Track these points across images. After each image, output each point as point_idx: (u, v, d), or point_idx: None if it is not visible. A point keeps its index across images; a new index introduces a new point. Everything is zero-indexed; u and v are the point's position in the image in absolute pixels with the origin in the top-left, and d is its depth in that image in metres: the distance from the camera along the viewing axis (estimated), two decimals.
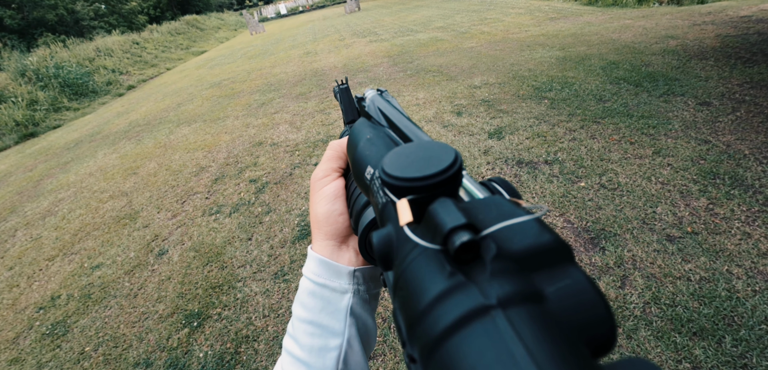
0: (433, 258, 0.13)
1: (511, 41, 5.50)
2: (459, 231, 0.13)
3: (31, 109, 7.42)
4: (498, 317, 0.11)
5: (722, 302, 1.33)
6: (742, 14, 4.61)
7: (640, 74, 3.31)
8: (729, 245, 1.53)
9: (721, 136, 2.24)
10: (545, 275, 0.12)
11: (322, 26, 13.43)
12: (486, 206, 0.15)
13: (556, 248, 0.13)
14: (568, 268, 0.13)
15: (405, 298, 0.14)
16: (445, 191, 0.16)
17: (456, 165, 0.16)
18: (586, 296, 0.12)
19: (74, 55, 10.53)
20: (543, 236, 0.13)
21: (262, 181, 2.91)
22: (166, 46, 14.73)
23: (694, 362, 1.19)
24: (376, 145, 0.26)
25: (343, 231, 0.31)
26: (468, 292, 0.12)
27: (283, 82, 6.01)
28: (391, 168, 0.17)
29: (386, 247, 0.17)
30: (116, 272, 2.27)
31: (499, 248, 0.13)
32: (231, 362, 1.55)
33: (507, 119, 2.99)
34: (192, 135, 4.39)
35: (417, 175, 0.16)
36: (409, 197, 0.16)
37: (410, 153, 0.18)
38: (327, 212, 0.31)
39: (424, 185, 0.16)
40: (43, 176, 4.32)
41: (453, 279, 0.12)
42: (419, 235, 0.14)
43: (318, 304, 0.30)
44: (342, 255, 0.31)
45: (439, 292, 0.12)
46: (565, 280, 0.12)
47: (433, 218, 0.14)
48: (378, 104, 0.34)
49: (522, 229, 0.13)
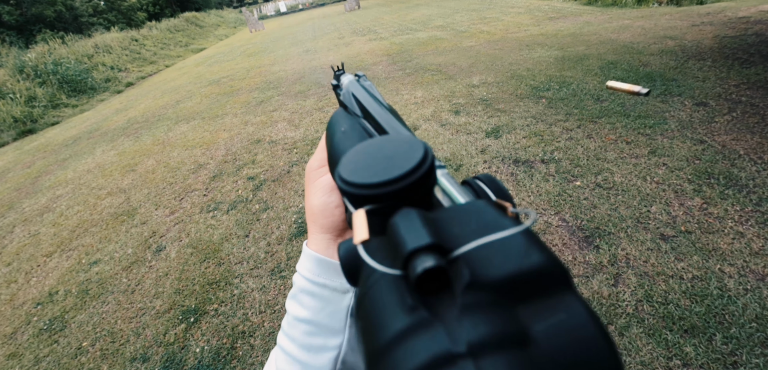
0: (394, 285, 0.11)
1: (510, 40, 5.51)
2: (421, 254, 0.11)
3: (29, 106, 7.41)
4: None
5: (714, 300, 1.34)
6: (741, 15, 4.63)
7: (638, 74, 3.32)
8: (722, 244, 1.54)
9: (716, 136, 2.25)
10: (533, 307, 0.10)
11: (321, 24, 13.42)
12: (463, 216, 0.13)
13: (547, 272, 0.10)
14: (563, 297, 0.10)
15: (364, 329, 0.12)
16: (411, 198, 0.13)
17: (424, 166, 0.14)
18: (585, 335, 0.09)
19: (73, 52, 10.51)
20: (531, 256, 0.11)
21: (260, 178, 2.92)
22: (165, 44, 14.70)
23: (685, 359, 1.20)
24: (351, 138, 0.24)
25: (340, 224, 0.30)
26: (432, 333, 0.10)
27: (282, 80, 6.01)
28: (347, 172, 0.15)
29: (353, 261, 0.15)
30: (114, 268, 2.28)
31: (474, 274, 0.10)
32: (227, 357, 1.56)
33: (504, 118, 3.00)
34: (190, 132, 4.39)
35: (374, 180, 0.13)
36: (367, 207, 0.14)
37: (373, 152, 0.15)
38: (322, 204, 0.30)
39: (383, 193, 0.13)
40: (41, 173, 4.32)
41: (414, 316, 0.10)
42: (381, 253, 0.12)
43: (317, 304, 0.29)
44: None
45: (397, 331, 0.10)
46: (559, 314, 0.10)
47: (393, 234, 0.12)
48: (353, 90, 0.30)
49: (505, 247, 0.11)
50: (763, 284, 1.36)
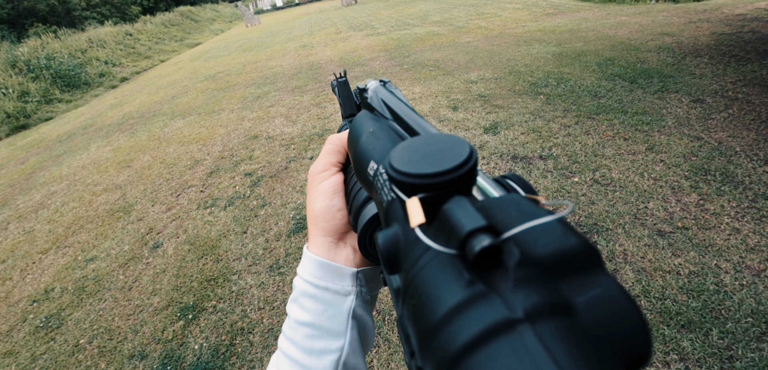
0: (449, 264, 0.12)
1: (508, 36, 5.50)
2: (478, 234, 0.12)
3: (22, 101, 7.30)
4: (526, 333, 0.10)
5: (710, 295, 1.35)
6: (737, 12, 4.65)
7: (635, 71, 3.33)
8: (718, 240, 1.56)
9: (713, 133, 2.26)
10: (573, 283, 0.11)
11: (318, 19, 13.32)
12: (505, 206, 0.14)
13: (584, 252, 0.12)
14: (597, 275, 0.11)
15: (416, 307, 0.12)
16: (460, 188, 0.15)
17: (472, 160, 0.15)
18: (620, 306, 0.11)
19: (66, 46, 10.36)
20: (569, 238, 0.12)
21: (258, 174, 2.90)
22: (160, 38, 14.53)
23: (682, 353, 1.21)
24: (380, 139, 0.25)
25: (342, 228, 0.30)
26: (490, 303, 0.11)
27: (278, 76, 5.96)
28: (400, 163, 0.15)
29: (393, 249, 0.16)
30: (110, 265, 2.26)
31: (523, 253, 0.11)
32: (226, 354, 1.56)
33: (502, 114, 3.00)
34: (186, 128, 4.35)
35: (429, 171, 0.15)
36: (420, 195, 0.15)
37: (420, 147, 0.16)
38: (325, 208, 0.30)
39: (437, 183, 0.14)
40: (35, 169, 4.27)
41: (472, 288, 0.11)
42: (431, 236, 0.13)
43: (319, 307, 0.29)
44: (339, 252, 0.30)
45: (457, 302, 0.11)
46: (596, 288, 0.11)
47: (448, 218, 0.13)
48: (381, 95, 0.32)
49: (546, 231, 0.12)
50: (758, 279, 1.37)
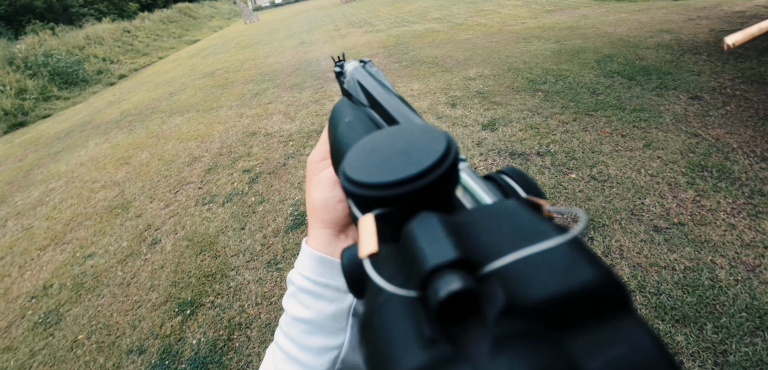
0: (408, 310, 0.09)
1: (507, 33, 5.49)
2: (445, 273, 0.09)
3: (20, 98, 7.28)
4: None
5: (705, 290, 1.36)
6: (736, 10, 4.64)
7: (634, 68, 3.33)
8: (714, 236, 1.56)
9: (710, 130, 2.27)
10: (585, 337, 0.08)
11: (317, 16, 13.27)
12: (492, 221, 0.10)
13: (601, 291, 0.08)
14: (621, 323, 0.08)
15: (371, 358, 0.09)
16: (430, 200, 0.11)
17: (446, 161, 0.11)
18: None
19: (63, 43, 10.32)
20: (580, 271, 0.08)
21: (256, 171, 2.90)
22: (158, 35, 14.48)
23: (676, 347, 1.22)
24: (356, 130, 0.22)
25: (343, 220, 0.29)
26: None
27: (277, 73, 5.95)
28: (353, 169, 0.12)
29: (357, 271, 0.13)
30: (109, 262, 2.27)
31: (511, 295, 0.08)
32: (224, 349, 1.56)
33: (501, 111, 3.00)
34: (185, 125, 4.35)
35: (387, 179, 0.11)
36: (377, 211, 0.11)
37: (383, 145, 0.13)
38: (324, 199, 0.28)
39: (397, 195, 0.11)
40: (33, 166, 4.26)
41: (433, 351, 0.08)
42: (391, 268, 0.10)
43: (318, 304, 0.28)
44: (340, 246, 0.29)
45: (411, 369, 0.08)
46: (618, 346, 0.08)
47: (409, 245, 0.10)
48: (358, 78, 0.27)
49: (547, 260, 0.09)
50: (753, 274, 1.38)
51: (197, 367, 1.52)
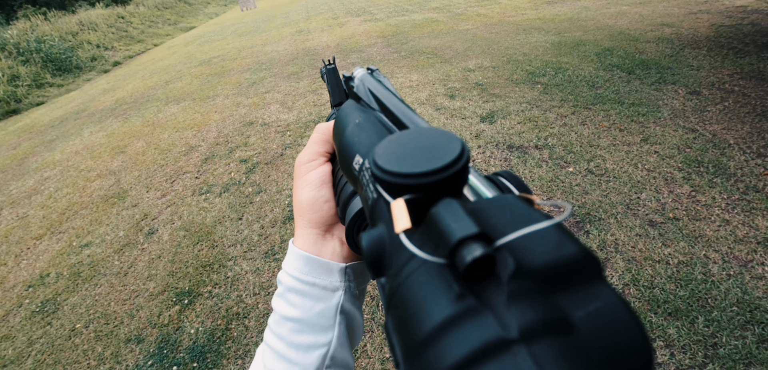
0: (437, 274, 0.11)
1: (507, 24, 5.44)
2: (470, 242, 0.11)
3: (12, 85, 7.17)
4: (520, 355, 0.09)
5: (698, 284, 1.38)
6: (738, 4, 4.62)
7: (634, 62, 3.32)
8: (708, 231, 1.58)
9: (708, 125, 2.27)
10: (572, 296, 0.10)
11: (315, 3, 13.07)
12: (498, 208, 0.13)
13: (584, 261, 0.11)
14: (597, 287, 0.11)
15: (402, 319, 0.12)
16: (449, 189, 0.14)
17: (463, 158, 0.14)
18: (622, 322, 0.10)
19: (56, 29, 10.13)
20: (568, 246, 0.11)
21: (253, 161, 2.89)
22: (153, 21, 14.23)
23: (668, 340, 1.25)
24: (366, 131, 0.24)
25: (329, 219, 0.30)
26: (482, 320, 0.10)
27: (274, 61, 5.88)
28: (385, 160, 0.14)
29: (377, 251, 0.15)
30: (105, 251, 2.26)
31: (518, 263, 0.11)
32: (222, 338, 1.57)
33: (500, 103, 2.99)
34: (181, 114, 4.30)
35: (417, 170, 0.14)
36: (406, 196, 0.14)
37: (408, 142, 0.15)
38: (312, 199, 0.29)
39: (425, 183, 0.13)
40: (27, 154, 4.22)
41: (462, 303, 0.10)
42: (418, 242, 0.12)
43: (307, 302, 0.28)
44: (326, 245, 0.30)
45: (445, 318, 0.10)
46: (596, 302, 0.10)
47: (436, 224, 0.12)
48: (368, 85, 0.30)
49: (543, 238, 0.11)
50: (745, 269, 1.40)
51: (195, 356, 1.53)
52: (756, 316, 1.25)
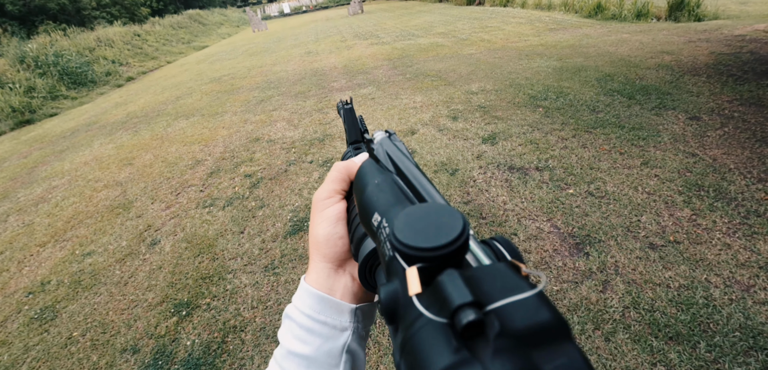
0: (439, 330, 0.14)
1: (510, 50, 5.57)
2: (465, 308, 0.14)
3: (28, 96, 7.40)
4: None
5: (699, 309, 1.36)
6: (737, 33, 4.70)
7: (634, 87, 3.37)
8: (709, 255, 1.57)
9: (708, 150, 2.28)
10: (544, 352, 0.13)
11: (324, 27, 13.49)
12: (490, 278, 0.16)
13: (555, 325, 0.14)
14: (565, 346, 0.13)
15: (412, 365, 0.15)
16: (452, 261, 0.17)
17: (464, 235, 0.17)
18: None
19: (74, 44, 10.51)
20: (543, 313, 0.14)
21: (257, 176, 2.93)
22: (168, 40, 14.73)
23: (669, 365, 1.22)
24: (385, 192, 0.27)
25: (343, 255, 0.31)
26: (472, 369, 0.13)
27: (282, 80, 6.03)
28: (403, 234, 0.18)
29: (393, 303, 0.18)
30: (107, 260, 2.28)
31: (502, 325, 0.13)
32: (217, 351, 1.56)
33: (501, 125, 3.03)
34: (189, 128, 4.40)
35: (427, 245, 0.17)
36: (418, 265, 0.17)
37: (420, 218, 0.19)
38: (328, 235, 0.31)
39: (433, 256, 0.17)
40: (37, 163, 4.31)
41: (458, 355, 0.13)
42: (425, 303, 0.16)
43: (317, 341, 0.29)
44: (339, 280, 0.31)
45: (445, 366, 0.13)
46: (562, 358, 0.13)
47: (440, 290, 0.15)
48: (386, 148, 0.34)
49: (524, 305, 0.14)
50: (747, 294, 1.38)
51: (190, 368, 1.52)
52: (759, 342, 1.22)
